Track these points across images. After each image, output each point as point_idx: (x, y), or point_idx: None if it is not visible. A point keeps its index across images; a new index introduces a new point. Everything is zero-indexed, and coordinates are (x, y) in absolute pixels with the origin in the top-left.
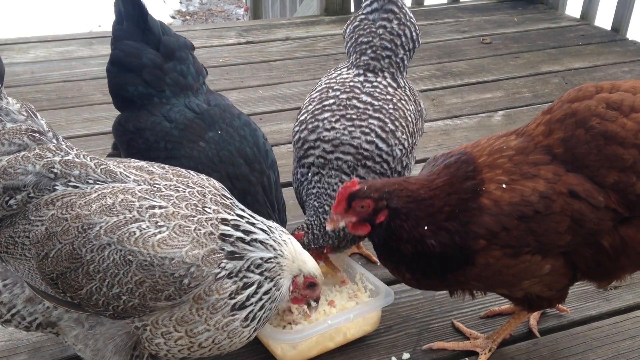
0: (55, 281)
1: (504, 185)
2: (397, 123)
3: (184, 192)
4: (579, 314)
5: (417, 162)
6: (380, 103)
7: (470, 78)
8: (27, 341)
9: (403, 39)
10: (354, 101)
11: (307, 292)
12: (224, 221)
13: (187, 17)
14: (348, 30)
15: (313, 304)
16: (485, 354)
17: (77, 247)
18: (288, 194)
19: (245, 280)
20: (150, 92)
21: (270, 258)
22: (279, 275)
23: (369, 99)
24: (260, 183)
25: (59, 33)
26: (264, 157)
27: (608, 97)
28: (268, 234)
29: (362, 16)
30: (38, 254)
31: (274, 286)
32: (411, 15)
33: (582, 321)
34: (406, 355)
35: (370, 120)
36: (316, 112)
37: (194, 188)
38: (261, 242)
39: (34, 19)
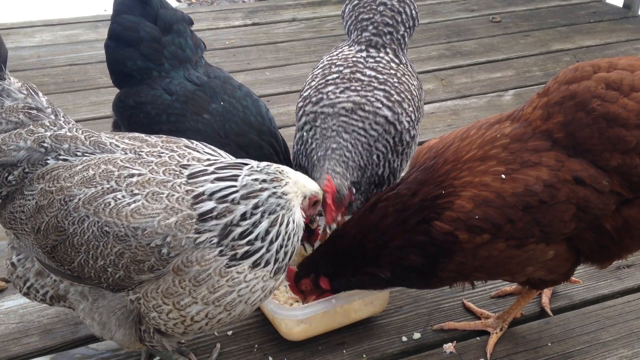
0: (52, 254)
1: (503, 176)
2: (402, 95)
3: (166, 157)
4: (591, 292)
5: (420, 143)
6: (385, 77)
7: (479, 57)
8: (37, 323)
9: (403, 15)
10: (358, 75)
11: (310, 211)
12: (192, 177)
13: (194, 0)
14: (347, 10)
15: (317, 218)
16: (496, 333)
17: (60, 219)
18: None
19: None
20: (149, 66)
21: (271, 194)
22: (285, 210)
23: (373, 73)
24: (271, 145)
25: (64, 17)
26: (268, 124)
27: (607, 76)
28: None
29: None
30: (33, 228)
31: (280, 224)
32: None
33: (595, 300)
34: (417, 335)
35: (376, 92)
36: (320, 87)
37: (176, 152)
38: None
39: (39, 3)
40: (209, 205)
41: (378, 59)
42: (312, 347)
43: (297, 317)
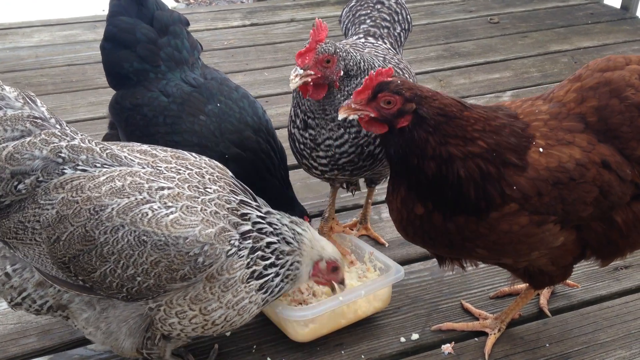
0: (67, 265)
1: (541, 150)
2: (402, 72)
3: (184, 174)
4: (589, 293)
5: None
6: (384, 56)
7: (478, 58)
8: (36, 324)
9: (400, 16)
10: (358, 50)
11: (331, 276)
12: (230, 202)
13: (192, 1)
14: (344, 13)
15: (339, 287)
16: (494, 334)
17: (89, 229)
18: (294, 177)
19: (260, 255)
20: (146, 68)
21: (289, 251)
22: (296, 261)
23: (373, 51)
24: (268, 143)
25: (62, 17)
26: (265, 124)
27: None
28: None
29: None
30: (49, 238)
31: (289, 268)
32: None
33: (593, 301)
34: (415, 336)
35: (377, 58)
36: None
37: (192, 170)
38: (277, 227)
39: (37, 3)
40: (247, 227)
41: (376, 44)
42: (311, 348)
43: (307, 317)
